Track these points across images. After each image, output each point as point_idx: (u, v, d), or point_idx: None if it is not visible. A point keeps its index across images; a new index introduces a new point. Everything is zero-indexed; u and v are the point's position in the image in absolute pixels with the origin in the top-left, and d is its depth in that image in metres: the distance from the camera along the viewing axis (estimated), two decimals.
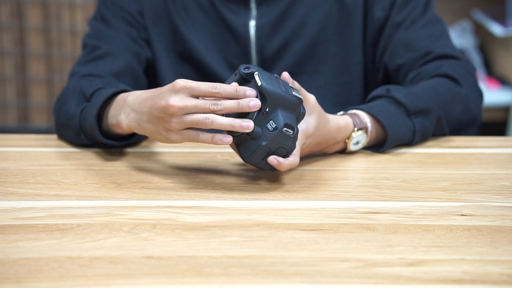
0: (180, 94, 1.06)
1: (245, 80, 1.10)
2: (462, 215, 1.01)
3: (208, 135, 1.07)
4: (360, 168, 1.21)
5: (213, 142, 1.07)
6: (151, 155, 1.25)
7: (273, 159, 1.06)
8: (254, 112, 1.05)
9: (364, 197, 1.07)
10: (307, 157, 1.22)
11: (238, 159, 1.20)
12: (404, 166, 1.21)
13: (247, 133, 1.05)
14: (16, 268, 0.85)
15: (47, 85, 3.14)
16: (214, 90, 1.05)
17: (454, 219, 0.99)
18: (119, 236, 0.93)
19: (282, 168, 1.07)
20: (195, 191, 1.09)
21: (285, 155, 1.07)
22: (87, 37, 1.47)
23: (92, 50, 1.44)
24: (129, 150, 1.26)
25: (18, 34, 3.09)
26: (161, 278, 0.83)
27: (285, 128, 1.04)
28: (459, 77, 1.38)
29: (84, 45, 1.47)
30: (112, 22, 1.46)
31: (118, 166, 1.19)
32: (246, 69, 1.09)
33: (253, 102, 1.04)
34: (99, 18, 1.47)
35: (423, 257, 0.88)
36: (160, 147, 1.28)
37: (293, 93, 1.07)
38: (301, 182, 1.12)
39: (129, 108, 1.14)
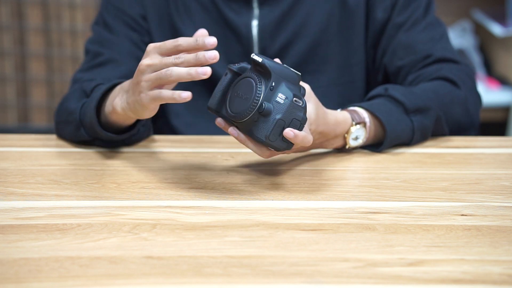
0: (150, 54, 1.08)
1: (237, 76, 1.10)
2: (462, 215, 1.01)
3: (168, 92, 1.07)
4: (360, 168, 1.21)
5: (173, 99, 1.06)
6: (151, 155, 1.25)
7: (289, 131, 1.04)
8: (261, 89, 1.05)
9: (364, 197, 1.07)
10: (307, 157, 1.22)
11: (238, 159, 1.20)
12: (404, 166, 1.21)
13: (259, 112, 1.04)
14: (16, 268, 0.85)
15: (47, 85, 3.14)
16: (176, 44, 1.07)
17: (454, 219, 0.99)
18: (119, 236, 0.93)
19: (298, 140, 1.05)
20: (195, 191, 1.09)
21: (299, 128, 1.06)
22: (89, 43, 1.47)
23: (94, 57, 1.44)
24: (129, 150, 1.26)
25: (18, 34, 3.09)
26: (161, 278, 0.83)
27: (295, 98, 1.04)
28: (458, 80, 1.38)
29: (87, 51, 1.47)
30: (114, 27, 1.45)
31: (118, 166, 1.19)
32: (236, 64, 1.10)
33: (209, 53, 1.05)
34: (101, 22, 1.47)
35: (423, 257, 0.88)
36: (160, 147, 1.28)
37: (293, 69, 1.07)
38: (301, 182, 1.12)
39: (122, 91, 1.17)
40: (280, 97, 1.04)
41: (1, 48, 3.08)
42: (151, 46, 1.09)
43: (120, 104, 1.15)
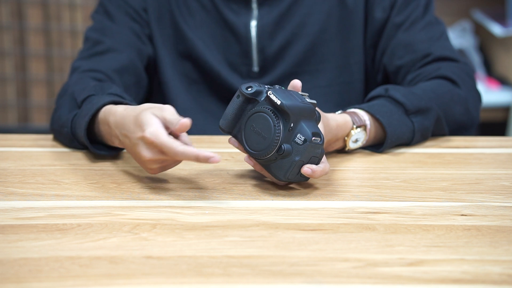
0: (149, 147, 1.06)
1: (250, 101, 1.09)
2: (462, 215, 1.01)
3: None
4: (360, 168, 1.21)
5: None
6: None
7: (307, 169, 1.05)
8: (279, 130, 1.04)
9: (364, 197, 1.07)
10: None
11: (238, 159, 1.20)
12: (404, 166, 1.21)
13: (278, 153, 1.04)
14: (16, 268, 0.85)
15: (47, 85, 3.14)
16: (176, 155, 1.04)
17: (454, 219, 0.99)
18: (119, 236, 0.93)
19: (316, 176, 1.06)
20: (195, 191, 1.09)
21: (317, 163, 1.07)
22: (89, 30, 1.47)
23: (94, 45, 1.43)
24: None
25: (18, 34, 3.09)
26: (161, 278, 0.83)
27: (313, 138, 1.04)
28: (458, 79, 1.38)
29: (86, 39, 1.46)
30: (116, 16, 1.45)
31: (118, 166, 1.19)
32: (250, 89, 1.08)
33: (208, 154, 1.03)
34: (102, 11, 1.47)
35: (423, 257, 0.88)
36: None
37: (307, 100, 1.07)
38: (301, 182, 1.12)
39: (120, 130, 1.12)
40: (299, 138, 1.04)
41: (1, 48, 3.08)
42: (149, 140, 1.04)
43: (118, 141, 1.14)
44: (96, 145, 1.21)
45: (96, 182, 1.12)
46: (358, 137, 1.23)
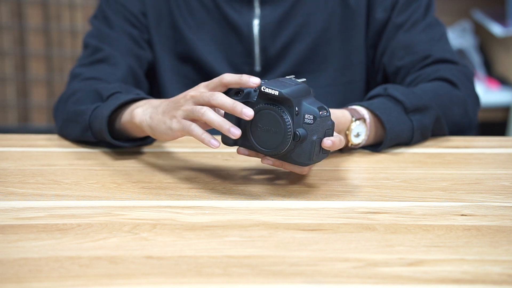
0: (199, 88, 1.09)
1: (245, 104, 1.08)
2: (462, 215, 1.01)
3: (198, 130, 1.06)
4: (360, 168, 1.21)
5: (201, 139, 1.06)
6: (151, 155, 1.25)
7: (327, 141, 1.05)
8: (288, 119, 1.04)
9: (364, 197, 1.07)
10: None
11: (238, 159, 1.20)
12: (404, 166, 1.21)
13: (295, 141, 1.04)
14: (16, 268, 0.85)
15: (47, 85, 3.14)
16: (220, 78, 1.08)
17: (454, 219, 0.99)
18: (119, 236, 0.93)
19: (336, 146, 1.05)
20: (195, 191, 1.09)
21: (332, 134, 1.06)
22: (88, 37, 1.47)
23: (94, 52, 1.43)
24: (130, 150, 1.26)
25: (18, 34, 3.09)
26: (161, 278, 0.83)
27: (321, 112, 1.04)
28: (457, 81, 1.38)
29: (86, 45, 1.46)
30: (114, 21, 1.45)
31: (118, 166, 1.19)
32: (240, 94, 1.08)
33: (245, 110, 1.04)
34: (101, 16, 1.47)
35: (423, 257, 0.88)
36: (159, 148, 1.28)
37: (298, 80, 1.07)
38: (301, 182, 1.12)
39: (149, 105, 1.16)
40: (308, 118, 1.04)
41: (1, 48, 3.08)
42: (202, 83, 1.09)
43: (141, 115, 1.15)
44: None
45: (96, 182, 1.12)
46: (359, 130, 1.23)
